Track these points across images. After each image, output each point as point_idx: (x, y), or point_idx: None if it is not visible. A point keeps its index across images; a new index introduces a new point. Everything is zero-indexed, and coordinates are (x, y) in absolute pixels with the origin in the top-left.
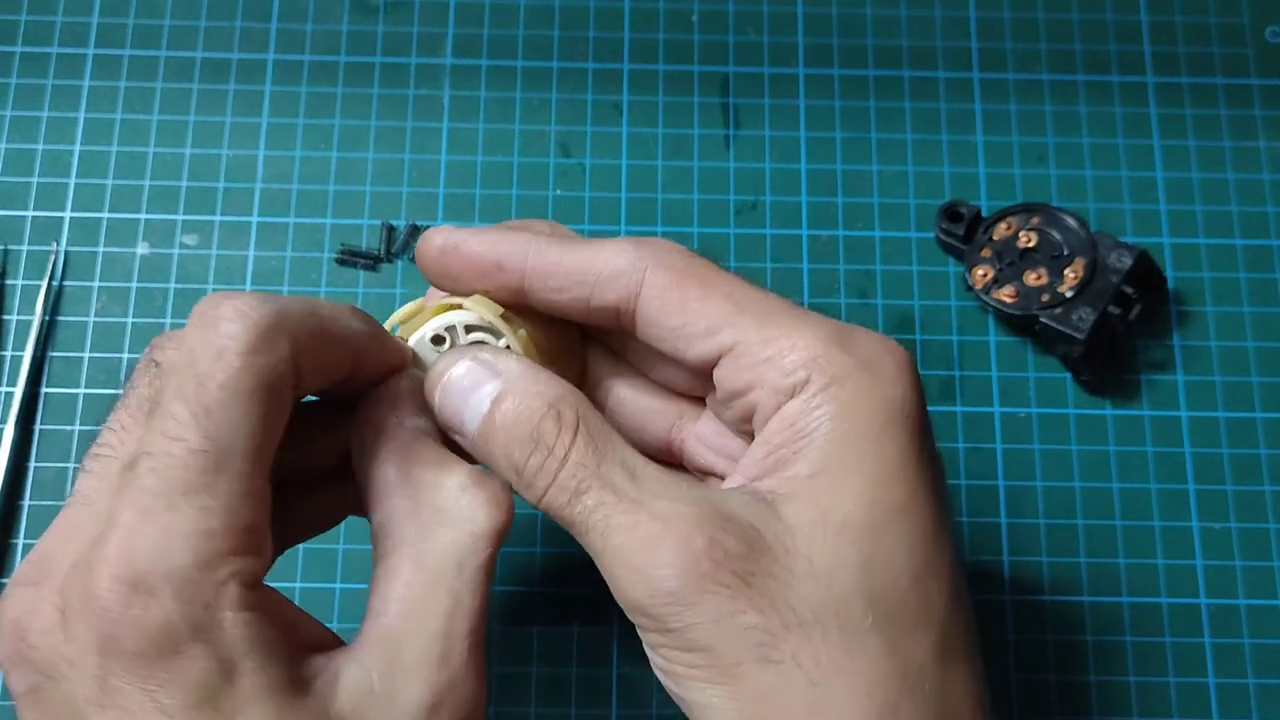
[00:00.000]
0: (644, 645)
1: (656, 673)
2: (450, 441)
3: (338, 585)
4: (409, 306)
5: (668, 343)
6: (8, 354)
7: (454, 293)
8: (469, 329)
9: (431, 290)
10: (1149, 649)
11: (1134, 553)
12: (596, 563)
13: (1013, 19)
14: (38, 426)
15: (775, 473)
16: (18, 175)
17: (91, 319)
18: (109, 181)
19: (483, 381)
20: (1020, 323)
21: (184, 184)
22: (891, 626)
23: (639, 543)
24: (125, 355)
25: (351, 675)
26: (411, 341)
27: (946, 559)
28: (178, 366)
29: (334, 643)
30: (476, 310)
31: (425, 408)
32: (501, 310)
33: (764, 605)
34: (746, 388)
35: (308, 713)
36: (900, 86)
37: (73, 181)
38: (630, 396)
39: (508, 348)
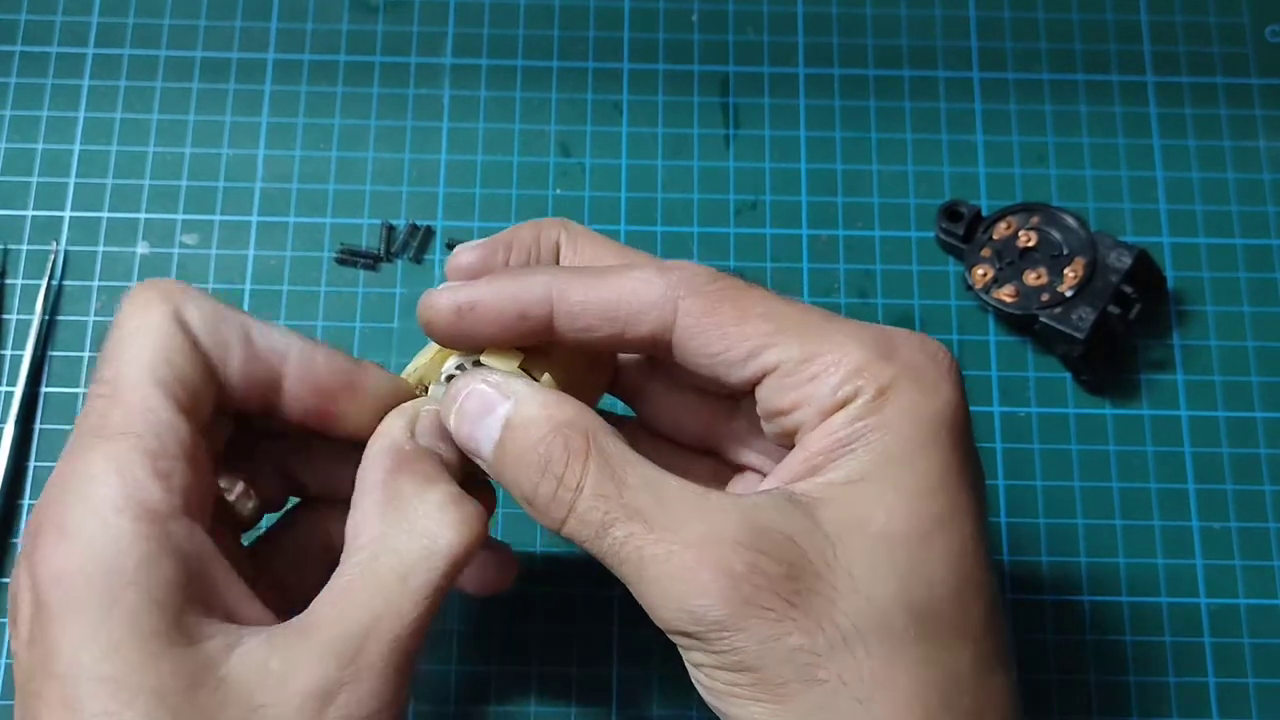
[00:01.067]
0: (684, 661)
1: (697, 687)
2: (475, 467)
3: None
4: (425, 352)
5: (707, 368)
6: (8, 354)
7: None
8: (477, 364)
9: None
10: (1149, 649)
11: (1134, 552)
12: (631, 590)
13: (1013, 18)
14: (38, 426)
15: (811, 478)
16: (18, 175)
17: (91, 319)
18: (109, 181)
19: (494, 405)
20: (1020, 322)
21: (184, 183)
22: (931, 638)
23: (677, 573)
24: None
25: (251, 648)
26: (431, 386)
27: (984, 570)
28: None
29: (260, 623)
30: (496, 364)
31: (444, 431)
32: (521, 358)
33: (809, 625)
34: (792, 406)
35: (179, 662)
36: (900, 86)
37: (73, 181)
38: (665, 396)
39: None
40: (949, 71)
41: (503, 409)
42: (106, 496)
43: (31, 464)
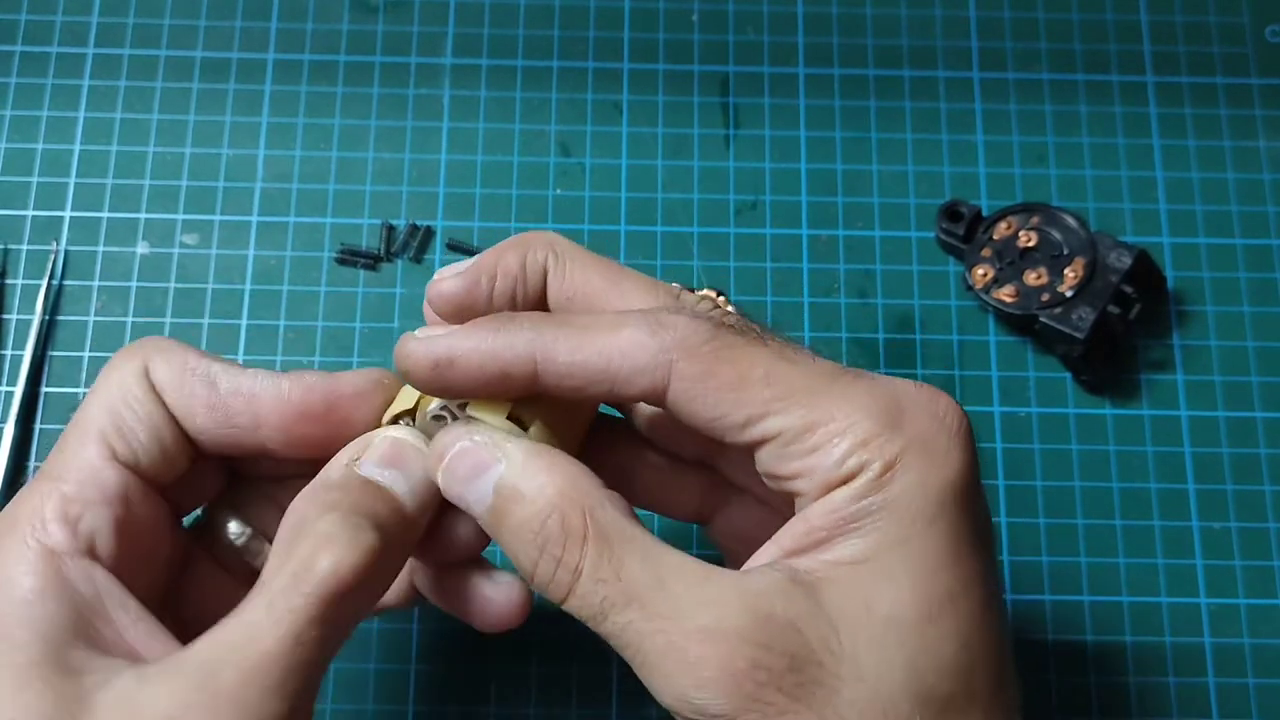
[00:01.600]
0: None
1: None
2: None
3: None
4: (409, 390)
5: (704, 430)
6: (8, 353)
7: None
8: (462, 406)
9: None
10: (1149, 649)
11: (1134, 552)
12: (634, 669)
13: (1013, 18)
14: (38, 426)
15: (815, 553)
16: (18, 175)
17: (91, 318)
18: (109, 181)
19: (485, 467)
20: (1020, 322)
21: (184, 183)
22: (937, 719)
23: (679, 666)
24: None
25: (125, 680)
26: (417, 424)
27: (995, 635)
28: None
29: (155, 652)
30: (484, 416)
31: (398, 459)
32: (509, 409)
33: (811, 718)
34: (792, 475)
35: (51, 693)
36: (900, 86)
37: (73, 181)
38: (660, 415)
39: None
40: (949, 71)
41: (494, 472)
42: (14, 536)
43: (31, 464)
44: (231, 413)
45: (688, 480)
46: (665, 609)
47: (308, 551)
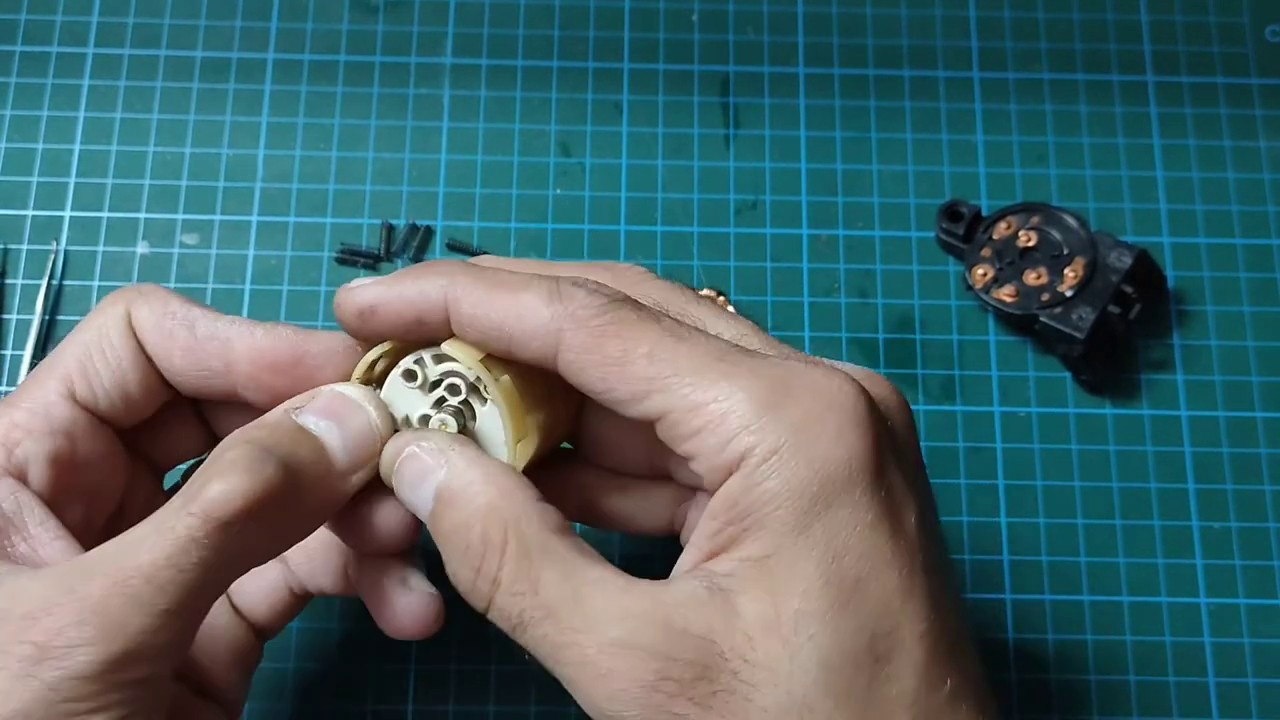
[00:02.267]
0: None
1: None
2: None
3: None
4: (384, 346)
5: (599, 400)
6: (8, 354)
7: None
8: (437, 359)
9: None
10: (1149, 648)
11: (1134, 552)
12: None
13: (1013, 18)
14: None
15: (727, 551)
16: (18, 175)
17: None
18: (109, 181)
19: (427, 473)
20: (1020, 322)
21: (184, 183)
22: (860, 713)
23: (591, 679)
24: None
25: (12, 579)
26: (387, 383)
27: (916, 617)
28: None
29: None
30: (457, 354)
31: (341, 416)
32: (483, 355)
33: None
34: (687, 456)
35: None
36: (900, 86)
37: (73, 181)
38: (600, 424)
39: (484, 399)
40: (949, 71)
41: (435, 477)
42: None
43: None
44: (206, 356)
45: (651, 496)
46: (579, 623)
47: (206, 474)
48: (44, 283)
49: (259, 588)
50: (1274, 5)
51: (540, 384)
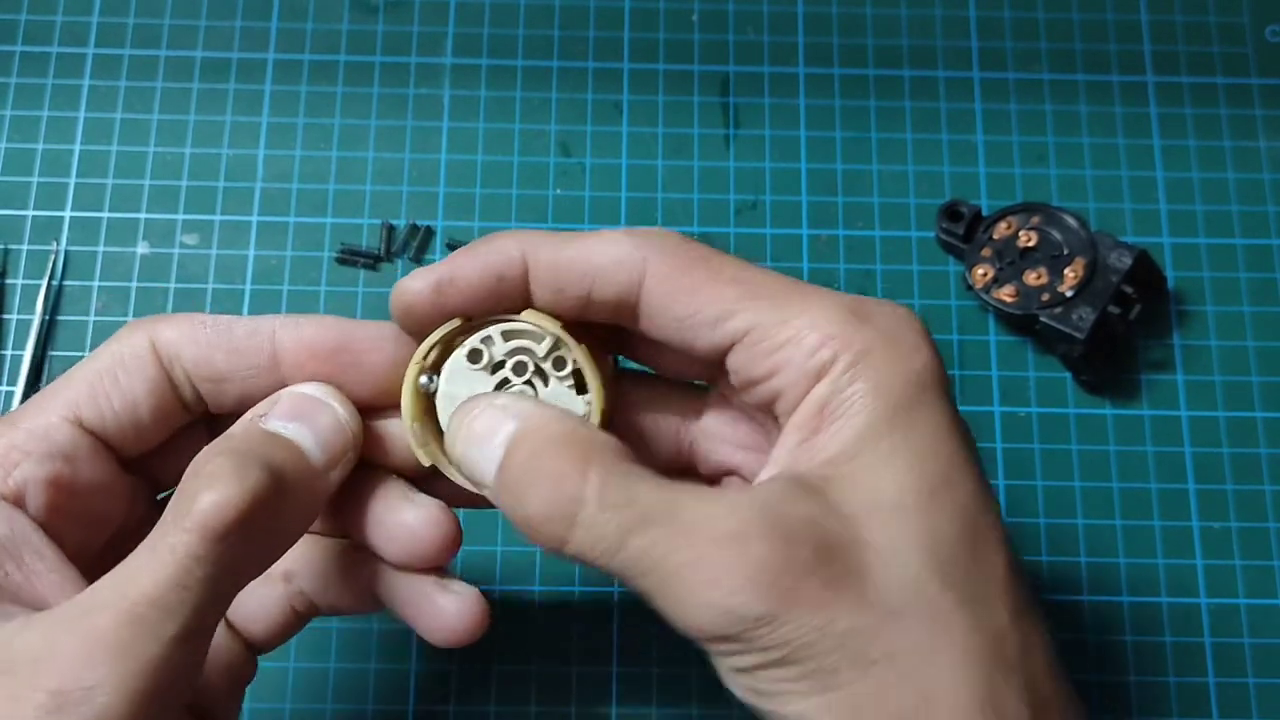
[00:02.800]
0: (723, 670)
1: (738, 693)
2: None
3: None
4: (442, 330)
5: (674, 334)
6: (8, 354)
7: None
8: (507, 336)
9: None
10: (1149, 649)
11: (1134, 552)
12: (655, 603)
13: (1013, 18)
14: None
15: (813, 458)
16: (18, 175)
17: (91, 319)
18: (109, 181)
19: (498, 426)
20: (1020, 322)
21: (184, 183)
22: (968, 600)
23: (710, 575)
24: None
25: (8, 625)
26: (448, 365)
27: (997, 522)
28: None
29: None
30: (539, 321)
31: (309, 417)
32: (561, 323)
33: (853, 606)
34: (767, 374)
35: None
36: (900, 86)
37: (73, 181)
38: (629, 411)
39: (567, 365)
40: (949, 71)
41: (505, 429)
42: None
43: None
44: (249, 353)
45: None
46: (686, 524)
47: (191, 490)
48: (44, 283)
49: (260, 605)
50: (1274, 5)
51: (603, 368)
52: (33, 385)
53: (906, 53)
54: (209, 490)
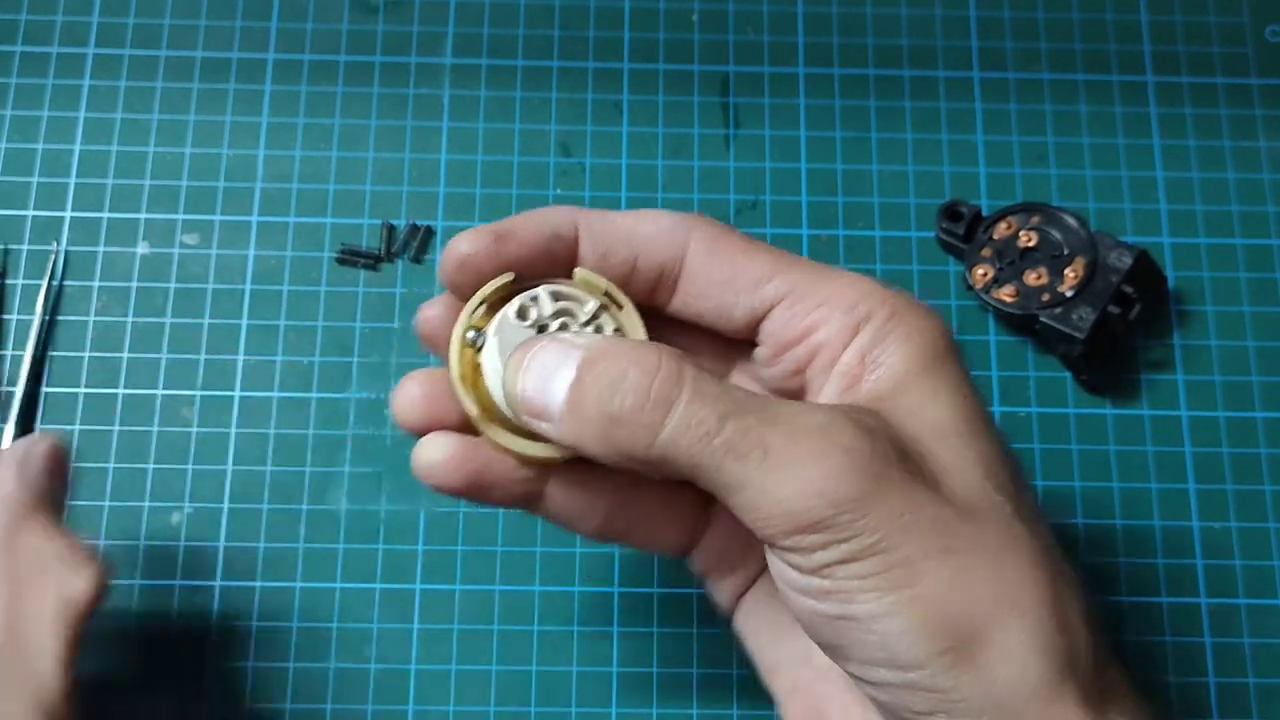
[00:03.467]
0: (796, 575)
1: (808, 602)
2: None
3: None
4: (499, 282)
5: (713, 299)
6: (8, 354)
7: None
8: (555, 296)
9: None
10: (1149, 649)
11: (1134, 553)
12: (742, 494)
13: (1013, 18)
14: (38, 426)
15: (862, 398)
16: (18, 175)
17: (91, 319)
18: (109, 181)
19: (565, 356)
20: (1020, 322)
21: (184, 183)
22: (1024, 515)
23: (804, 458)
24: (125, 355)
25: None
26: (496, 321)
27: (1019, 464)
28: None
29: None
30: (589, 279)
31: (52, 467)
32: (608, 286)
33: (937, 498)
34: (806, 331)
35: None
36: (900, 86)
37: (73, 181)
38: (642, 500)
39: (607, 329)
40: (949, 71)
41: (573, 357)
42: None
43: None
44: None
45: (674, 497)
46: (779, 415)
47: (70, 575)
48: (44, 283)
49: None
50: (1274, 5)
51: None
52: (33, 385)
53: (906, 53)
54: (85, 581)
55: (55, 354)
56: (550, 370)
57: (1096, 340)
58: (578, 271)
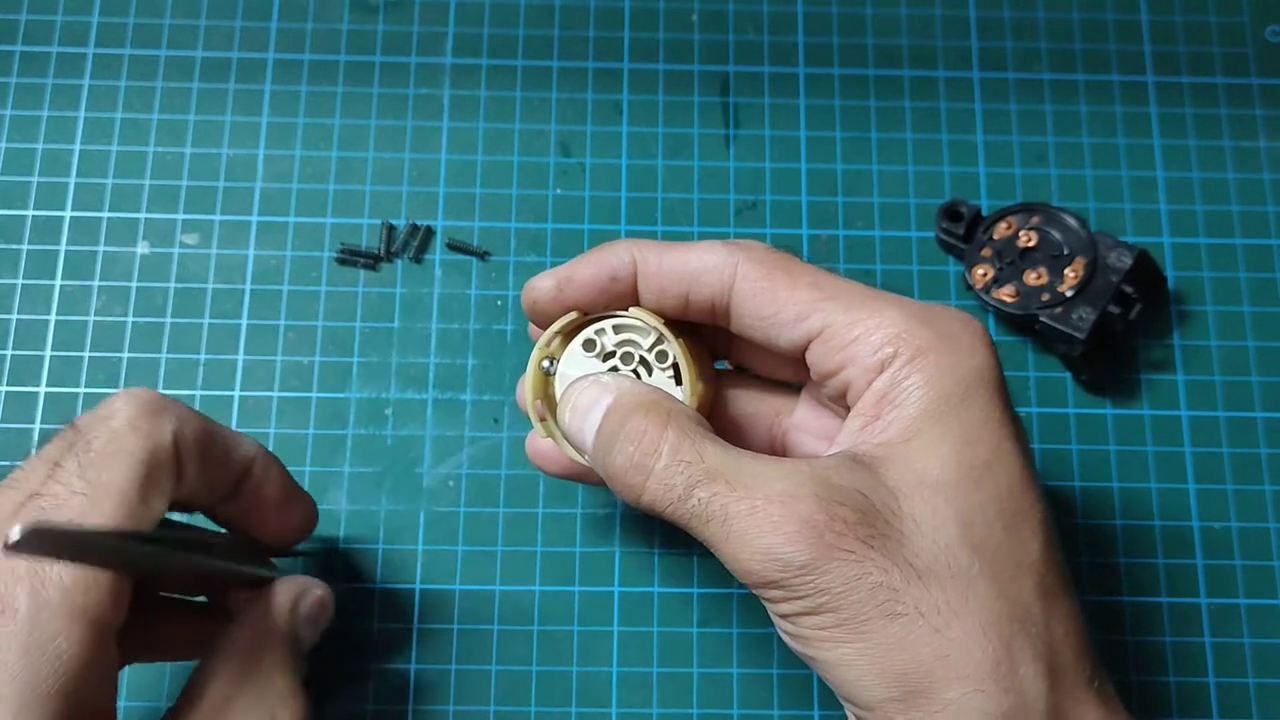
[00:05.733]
0: (772, 617)
1: (787, 639)
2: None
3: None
4: (562, 321)
5: (760, 331)
6: (8, 354)
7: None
8: (617, 329)
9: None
10: (1149, 649)
11: (1134, 552)
12: (715, 550)
13: (1013, 18)
14: (37, 426)
15: (871, 440)
16: (18, 175)
17: (91, 319)
18: (109, 181)
19: (600, 397)
20: (1020, 322)
21: (184, 183)
22: (996, 572)
23: (763, 525)
24: (125, 355)
25: None
26: (566, 353)
27: (1036, 506)
28: (80, 433)
29: None
30: (643, 316)
31: (319, 616)
32: (663, 321)
33: (885, 564)
34: (838, 367)
35: None
36: (900, 86)
37: (73, 181)
38: (730, 403)
39: (669, 358)
40: (949, 71)
41: (605, 400)
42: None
43: None
44: (228, 479)
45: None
46: (747, 481)
47: (276, 707)
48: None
49: None
50: (1274, 5)
51: (700, 362)
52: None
53: (906, 53)
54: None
55: (55, 354)
56: (585, 410)
57: (1096, 340)
58: (633, 310)
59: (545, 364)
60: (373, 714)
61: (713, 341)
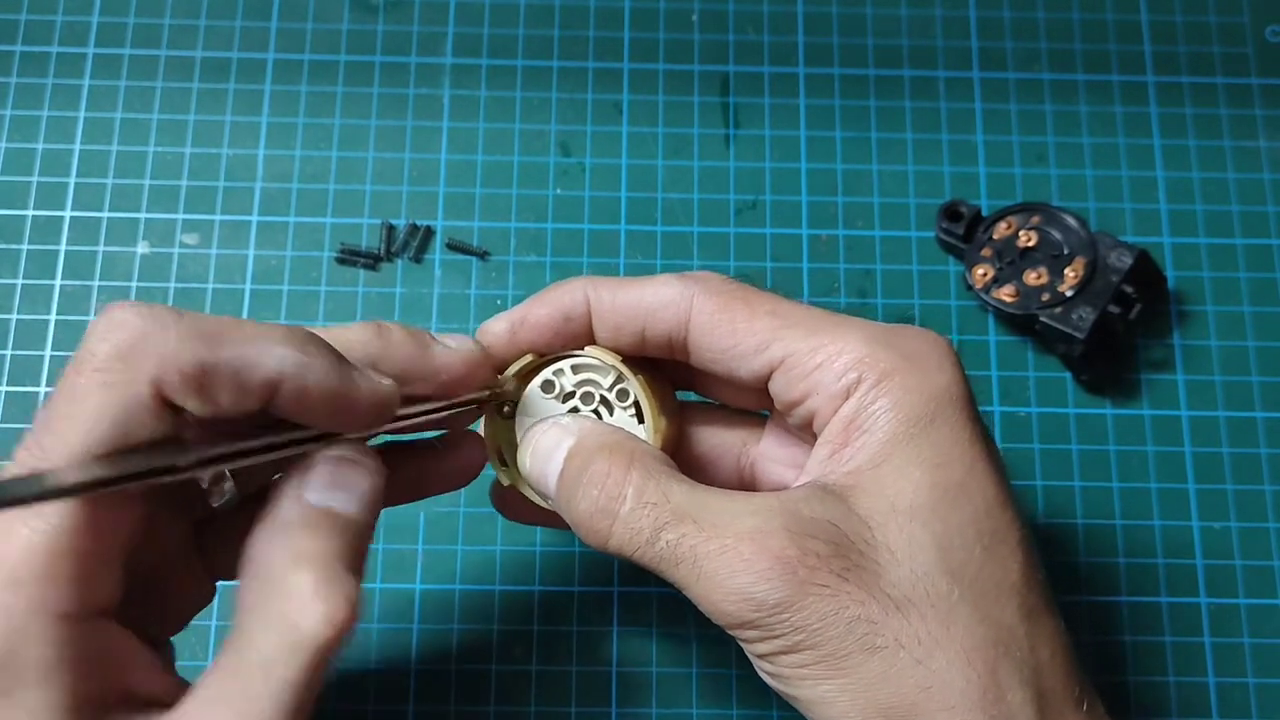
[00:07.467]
0: (751, 657)
1: (766, 679)
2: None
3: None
4: (525, 360)
5: (720, 364)
6: (8, 354)
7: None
8: (575, 369)
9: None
10: (1149, 649)
11: (1134, 552)
12: (687, 592)
13: (1013, 18)
14: None
15: (840, 469)
16: (18, 175)
17: (92, 319)
18: (109, 181)
19: (561, 441)
20: (1020, 322)
21: (184, 183)
22: (977, 596)
23: (734, 564)
24: None
25: None
26: (524, 396)
27: (1013, 525)
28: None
29: (170, 695)
30: (600, 355)
31: (349, 484)
32: (621, 357)
33: (862, 597)
34: (803, 396)
35: None
36: (900, 86)
37: (73, 181)
38: (695, 437)
39: (630, 396)
40: (949, 71)
41: (566, 443)
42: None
43: None
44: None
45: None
46: (714, 521)
47: (297, 613)
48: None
49: None
50: (1274, 5)
51: (662, 398)
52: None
53: (906, 53)
54: (320, 622)
55: (55, 354)
56: (546, 455)
57: (1096, 340)
58: (589, 349)
59: (503, 408)
60: (373, 714)
61: (674, 373)
